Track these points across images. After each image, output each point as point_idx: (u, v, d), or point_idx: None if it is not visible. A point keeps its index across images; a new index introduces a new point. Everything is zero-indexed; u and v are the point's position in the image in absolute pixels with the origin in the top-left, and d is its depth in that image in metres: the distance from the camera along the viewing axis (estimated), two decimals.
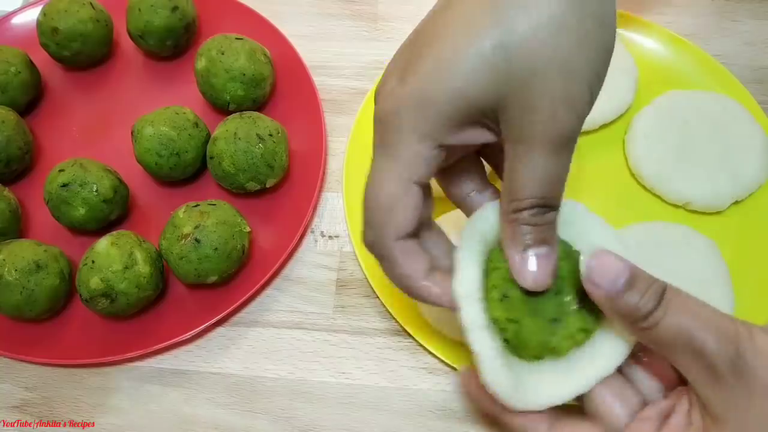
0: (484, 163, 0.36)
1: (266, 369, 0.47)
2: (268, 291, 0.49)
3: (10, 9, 0.60)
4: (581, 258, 0.29)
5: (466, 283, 0.30)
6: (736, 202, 0.49)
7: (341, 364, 0.46)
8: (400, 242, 0.31)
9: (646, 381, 0.31)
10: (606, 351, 0.30)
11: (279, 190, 0.52)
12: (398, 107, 0.29)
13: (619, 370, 0.31)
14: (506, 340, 0.30)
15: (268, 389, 0.46)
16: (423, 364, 0.46)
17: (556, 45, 0.26)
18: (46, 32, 0.54)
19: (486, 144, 0.31)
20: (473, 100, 0.28)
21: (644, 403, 0.30)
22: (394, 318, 0.46)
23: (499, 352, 0.30)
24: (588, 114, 0.28)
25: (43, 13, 0.54)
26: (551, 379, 0.30)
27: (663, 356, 0.28)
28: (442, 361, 0.45)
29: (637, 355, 0.31)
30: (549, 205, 0.29)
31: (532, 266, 0.29)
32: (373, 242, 0.32)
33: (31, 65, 0.54)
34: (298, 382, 0.46)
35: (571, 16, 0.26)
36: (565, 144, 0.28)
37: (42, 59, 0.56)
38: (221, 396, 0.46)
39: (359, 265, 0.48)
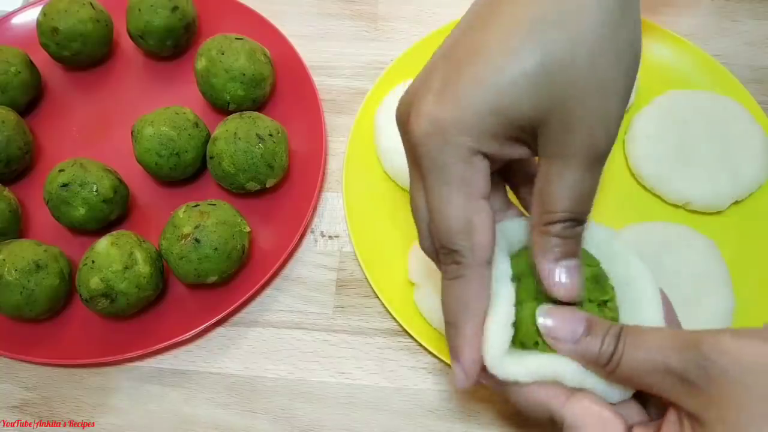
0: None
1: (266, 369, 0.47)
2: (268, 291, 0.49)
3: (10, 9, 0.60)
4: (537, 318, 0.30)
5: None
6: (736, 202, 0.49)
7: (341, 364, 0.46)
8: (485, 267, 0.30)
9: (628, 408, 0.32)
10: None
11: (279, 190, 0.52)
12: (440, 126, 0.29)
13: None
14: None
15: (268, 389, 0.46)
16: (423, 364, 0.46)
17: (594, 65, 0.27)
18: (46, 32, 0.54)
19: (509, 164, 0.31)
20: (515, 119, 0.28)
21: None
22: (394, 318, 0.46)
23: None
24: (619, 130, 0.29)
25: (43, 13, 0.54)
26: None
27: (640, 389, 0.29)
28: (442, 361, 0.45)
29: None
30: (579, 219, 0.30)
31: (563, 278, 0.30)
32: (459, 270, 0.31)
33: (31, 65, 0.54)
34: (298, 382, 0.46)
35: (606, 38, 0.28)
36: (599, 161, 0.29)
37: (42, 59, 0.56)
38: (221, 396, 0.46)
39: (359, 265, 0.48)
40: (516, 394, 0.31)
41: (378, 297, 0.47)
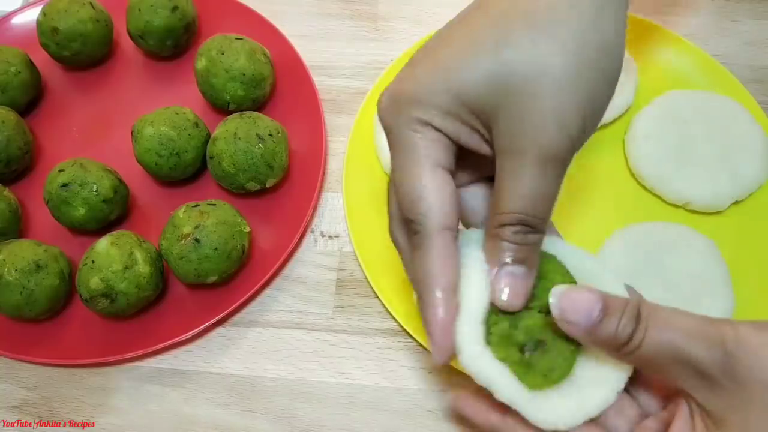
0: None
1: (266, 369, 0.47)
2: (268, 291, 0.49)
3: (10, 9, 0.60)
4: (550, 300, 0.29)
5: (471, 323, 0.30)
6: (736, 202, 0.49)
7: (341, 364, 0.46)
8: (442, 233, 0.30)
9: (643, 397, 0.31)
10: (608, 375, 0.30)
11: (279, 190, 0.52)
12: (395, 99, 0.30)
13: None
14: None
15: (268, 389, 0.46)
16: (423, 364, 0.46)
17: (553, 66, 0.27)
18: (46, 32, 0.54)
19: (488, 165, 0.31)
20: (468, 102, 0.29)
21: (643, 415, 0.31)
22: (394, 318, 0.46)
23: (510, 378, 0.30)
24: (583, 142, 0.29)
25: (43, 13, 0.54)
26: (560, 403, 0.30)
27: (655, 373, 0.29)
28: None
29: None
30: (532, 225, 0.29)
31: (504, 284, 0.29)
32: (418, 239, 0.30)
33: (31, 65, 0.54)
34: (298, 382, 0.46)
35: (572, 43, 0.27)
36: (552, 161, 0.28)
37: (42, 59, 0.56)
38: (221, 396, 0.46)
39: (359, 265, 0.48)
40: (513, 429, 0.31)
41: (378, 297, 0.47)
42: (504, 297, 0.29)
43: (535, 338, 0.30)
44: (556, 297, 0.29)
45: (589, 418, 0.30)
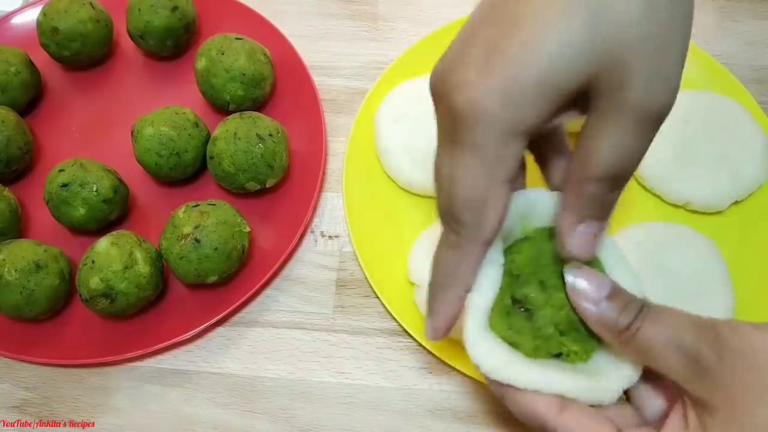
0: None
1: (266, 369, 0.47)
2: (268, 291, 0.49)
3: (10, 9, 0.60)
4: (566, 270, 0.31)
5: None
6: (736, 202, 0.49)
7: (341, 364, 0.46)
8: (484, 246, 0.30)
9: (650, 401, 0.32)
10: (618, 371, 0.31)
11: (279, 190, 0.52)
12: (482, 99, 0.27)
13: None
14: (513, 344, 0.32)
15: (268, 389, 0.46)
16: (423, 364, 0.46)
17: (651, 20, 0.25)
18: (46, 32, 0.54)
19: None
20: (565, 81, 0.26)
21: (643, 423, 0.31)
22: (394, 318, 0.46)
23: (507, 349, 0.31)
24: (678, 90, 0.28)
25: (43, 13, 0.54)
26: (558, 374, 0.31)
27: (648, 365, 0.29)
28: (442, 361, 0.45)
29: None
30: (618, 183, 0.29)
31: (581, 236, 0.30)
32: (459, 241, 0.30)
33: (31, 65, 0.54)
34: (298, 382, 0.46)
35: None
36: (655, 121, 0.27)
37: (42, 59, 0.56)
38: (221, 396, 0.46)
39: (359, 265, 0.48)
40: (511, 400, 0.31)
41: (378, 297, 0.47)
42: (578, 247, 0.30)
43: (556, 328, 0.31)
44: (571, 271, 0.30)
45: (596, 401, 0.31)
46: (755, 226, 0.49)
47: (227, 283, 0.48)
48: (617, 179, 0.28)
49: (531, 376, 0.30)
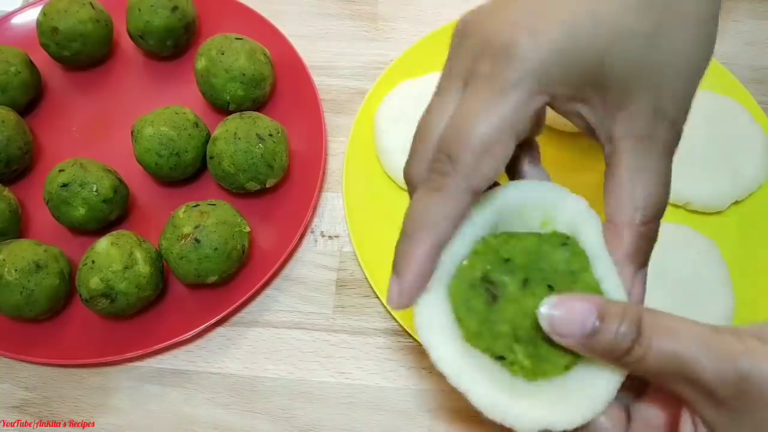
0: None
1: (266, 369, 0.47)
2: (268, 291, 0.49)
3: (10, 9, 0.60)
4: (540, 311, 0.26)
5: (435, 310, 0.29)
6: (736, 202, 0.49)
7: (341, 364, 0.46)
8: (469, 193, 0.27)
9: (643, 407, 0.29)
10: (598, 379, 0.28)
11: (279, 190, 0.52)
12: (527, 44, 0.26)
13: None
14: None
15: (268, 389, 0.46)
16: (423, 364, 0.46)
17: (682, 52, 0.28)
18: (46, 32, 0.54)
19: None
20: (585, 64, 0.27)
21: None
22: (394, 318, 0.46)
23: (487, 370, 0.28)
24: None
25: (43, 13, 0.54)
26: (544, 404, 0.27)
27: (659, 384, 0.27)
28: None
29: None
30: (661, 216, 0.28)
31: (640, 284, 0.28)
32: (444, 182, 0.27)
33: (31, 65, 0.54)
34: (298, 382, 0.46)
35: (692, 22, 0.28)
36: (673, 148, 0.28)
37: (42, 59, 0.56)
38: (221, 396, 0.46)
39: (359, 265, 0.48)
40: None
41: (378, 297, 0.47)
42: (637, 298, 0.28)
43: (527, 332, 0.28)
44: (549, 306, 0.26)
45: (573, 426, 0.28)
46: (755, 226, 0.49)
47: (227, 283, 0.48)
48: (663, 211, 0.28)
49: (459, 366, 0.27)
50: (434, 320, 0.28)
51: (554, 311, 0.26)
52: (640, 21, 0.27)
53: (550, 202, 0.30)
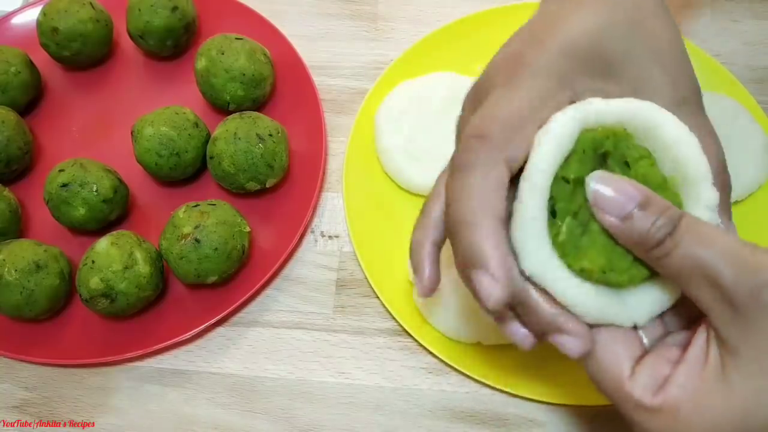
0: None
1: (266, 369, 0.47)
2: (268, 291, 0.49)
3: (10, 9, 0.60)
4: (588, 181, 0.28)
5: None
6: (736, 202, 0.49)
7: (341, 364, 0.46)
8: (502, 165, 0.28)
9: (668, 317, 0.30)
10: (650, 295, 0.29)
11: (279, 190, 0.52)
12: (534, 50, 0.30)
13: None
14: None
15: (268, 389, 0.46)
16: (423, 364, 0.46)
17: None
18: (46, 32, 0.54)
19: None
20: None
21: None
22: (394, 318, 0.46)
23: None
24: None
25: (43, 13, 0.54)
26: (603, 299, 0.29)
27: (680, 285, 0.28)
28: (442, 361, 0.45)
29: None
30: (725, 168, 0.33)
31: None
32: (470, 153, 0.28)
33: (31, 65, 0.54)
34: (298, 382, 0.46)
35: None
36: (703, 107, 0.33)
37: (42, 59, 0.56)
38: (221, 396, 0.46)
39: (359, 265, 0.48)
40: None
41: (378, 297, 0.47)
42: None
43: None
44: (596, 180, 0.28)
45: (632, 322, 0.29)
46: (755, 226, 0.49)
47: (227, 283, 0.48)
48: (724, 163, 0.32)
49: (570, 282, 0.28)
50: (543, 251, 0.28)
51: (600, 186, 0.28)
52: (616, 15, 0.30)
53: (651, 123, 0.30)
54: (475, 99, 0.32)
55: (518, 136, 0.28)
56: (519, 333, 0.30)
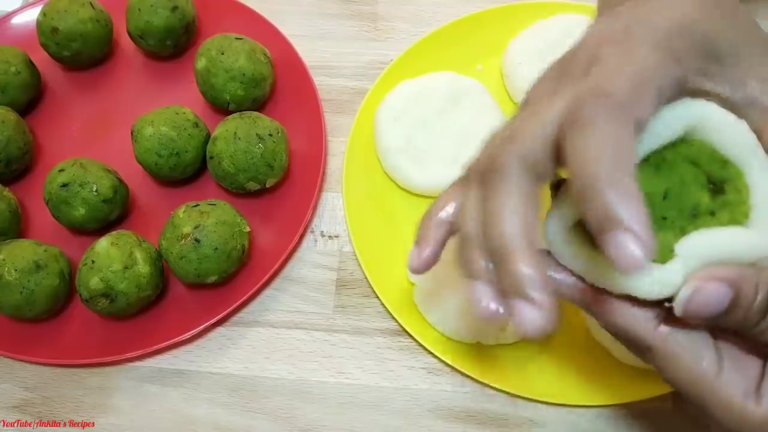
0: None
1: (266, 369, 0.47)
2: (268, 291, 0.49)
3: (10, 9, 0.60)
4: (681, 295, 0.26)
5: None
6: None
7: (341, 364, 0.46)
8: (631, 125, 0.25)
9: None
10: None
11: (279, 190, 0.52)
12: (642, 24, 0.29)
13: None
14: None
15: (268, 389, 0.46)
16: (423, 364, 0.46)
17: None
18: (46, 32, 0.54)
19: None
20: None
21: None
22: (394, 318, 0.46)
23: None
24: None
25: (43, 13, 0.54)
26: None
27: None
28: (442, 361, 0.45)
29: None
30: None
31: None
32: (597, 107, 0.25)
33: (31, 65, 0.54)
34: (297, 382, 0.46)
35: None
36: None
37: (42, 59, 0.56)
38: (221, 396, 0.46)
39: (359, 265, 0.48)
40: (606, 313, 0.29)
41: (378, 297, 0.47)
42: None
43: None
44: (687, 287, 0.26)
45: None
46: None
47: (227, 283, 0.48)
48: None
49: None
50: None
51: (691, 296, 0.26)
52: (717, 9, 0.30)
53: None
54: (566, 71, 0.30)
55: (644, 97, 0.26)
56: (479, 290, 0.28)
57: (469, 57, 0.55)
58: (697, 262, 0.27)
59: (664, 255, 0.28)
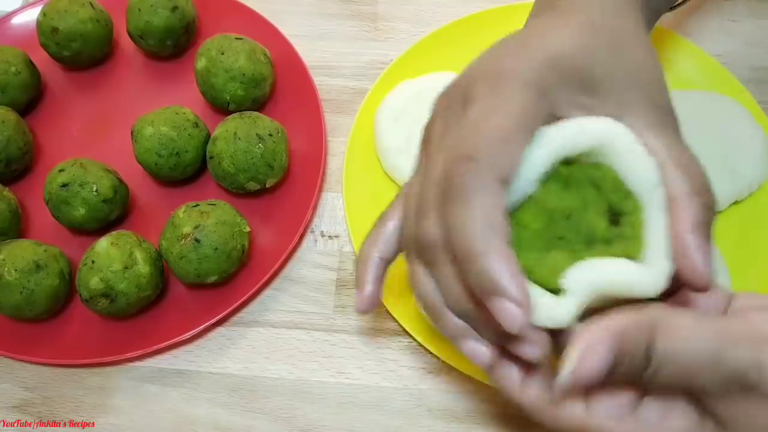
0: None
1: (266, 369, 0.47)
2: (268, 291, 0.49)
3: (10, 9, 0.60)
4: (563, 370, 0.27)
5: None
6: (736, 202, 0.49)
7: (341, 364, 0.46)
8: (497, 186, 0.27)
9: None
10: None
11: (279, 190, 0.52)
12: (514, 61, 0.30)
13: None
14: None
15: (268, 389, 0.46)
16: (423, 364, 0.46)
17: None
18: (46, 32, 0.54)
19: None
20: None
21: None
22: (394, 318, 0.46)
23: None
24: None
25: (43, 13, 0.54)
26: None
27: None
28: (442, 361, 0.45)
29: None
30: (708, 188, 0.32)
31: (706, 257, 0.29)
32: (464, 176, 0.28)
33: (31, 65, 0.54)
34: (297, 382, 0.46)
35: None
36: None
37: (42, 59, 0.56)
38: (221, 396, 0.46)
39: None
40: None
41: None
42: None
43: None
44: (567, 367, 0.26)
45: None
46: (755, 226, 0.49)
47: (227, 283, 0.48)
48: (708, 185, 0.31)
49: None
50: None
51: (571, 373, 0.26)
52: (599, 39, 0.31)
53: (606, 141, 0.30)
54: (449, 107, 0.32)
55: (507, 154, 0.28)
56: (477, 349, 0.32)
57: (469, 57, 0.54)
58: (584, 295, 0.28)
59: (554, 276, 0.29)
